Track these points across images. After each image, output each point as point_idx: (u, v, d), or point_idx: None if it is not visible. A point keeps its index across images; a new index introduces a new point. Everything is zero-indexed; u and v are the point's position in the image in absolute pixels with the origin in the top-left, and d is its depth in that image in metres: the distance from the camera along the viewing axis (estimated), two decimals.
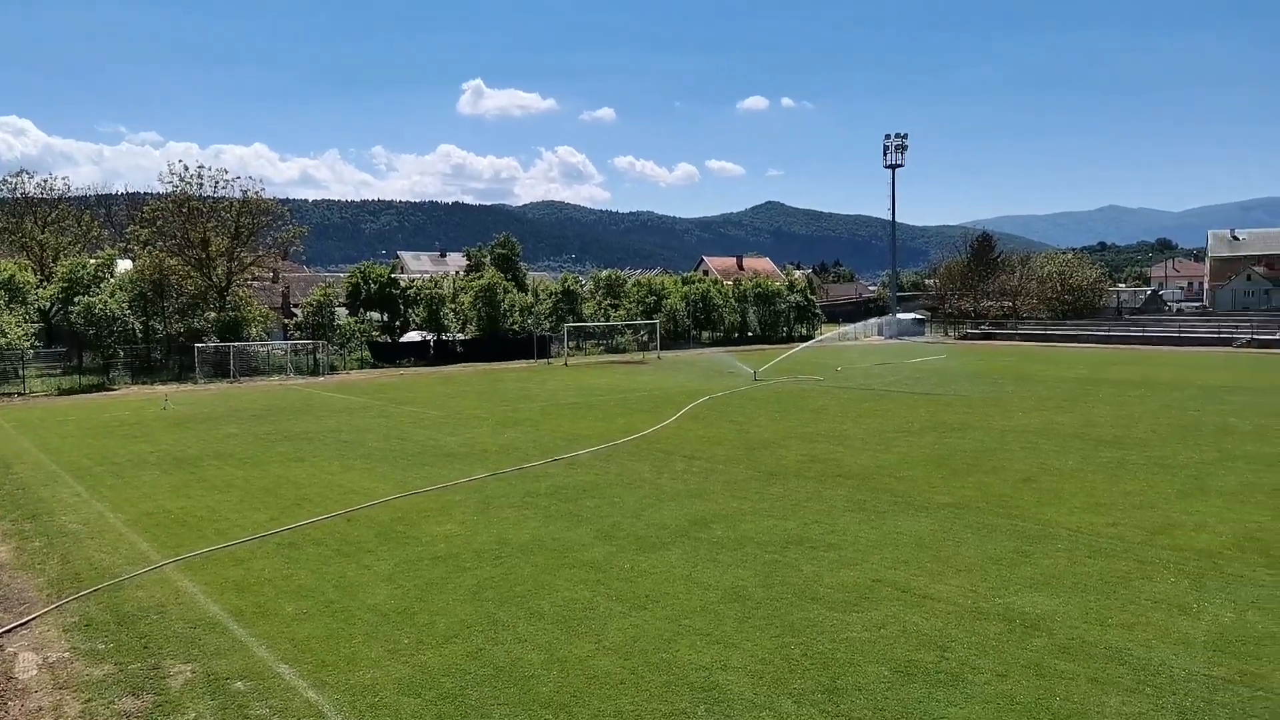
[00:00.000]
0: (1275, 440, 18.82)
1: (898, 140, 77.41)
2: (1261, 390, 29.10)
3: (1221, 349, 54.49)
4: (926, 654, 7.83)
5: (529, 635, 8.47)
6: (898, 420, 22.70)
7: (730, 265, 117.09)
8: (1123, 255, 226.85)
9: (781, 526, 12.24)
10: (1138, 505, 13.15)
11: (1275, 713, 6.62)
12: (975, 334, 71.47)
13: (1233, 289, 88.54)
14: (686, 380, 35.24)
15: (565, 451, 18.61)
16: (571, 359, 50.38)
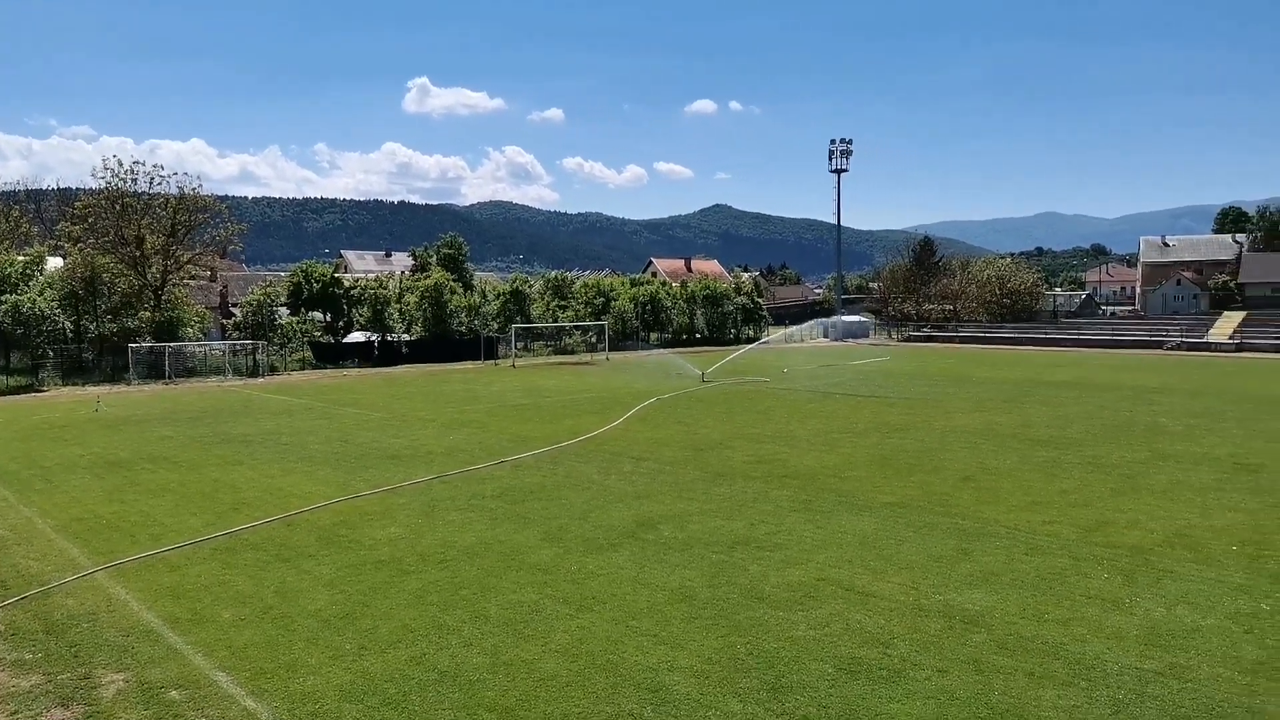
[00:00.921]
0: (1203, 440, 19.50)
1: (843, 145, 78.46)
2: (1190, 392, 30.14)
3: (1153, 351, 56.32)
4: (869, 651, 7.94)
5: (474, 639, 8.38)
6: (842, 421, 23.00)
7: (678, 267, 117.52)
8: (1059, 260, 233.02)
9: (728, 527, 12.31)
10: (1073, 503, 13.51)
11: (1203, 705, 6.85)
12: (918, 336, 72.81)
13: (1163, 293, 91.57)
14: (635, 381, 35.28)
15: (512, 453, 18.48)
16: (519, 360, 50.09)
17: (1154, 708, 6.80)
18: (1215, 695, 6.97)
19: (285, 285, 52.66)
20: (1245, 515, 12.63)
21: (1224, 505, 13.26)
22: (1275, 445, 18.69)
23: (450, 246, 70.86)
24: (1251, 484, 14.79)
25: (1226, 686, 7.13)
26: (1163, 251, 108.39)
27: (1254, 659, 7.65)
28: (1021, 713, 6.76)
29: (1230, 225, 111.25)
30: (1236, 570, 10.10)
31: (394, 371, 44.51)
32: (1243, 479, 15.20)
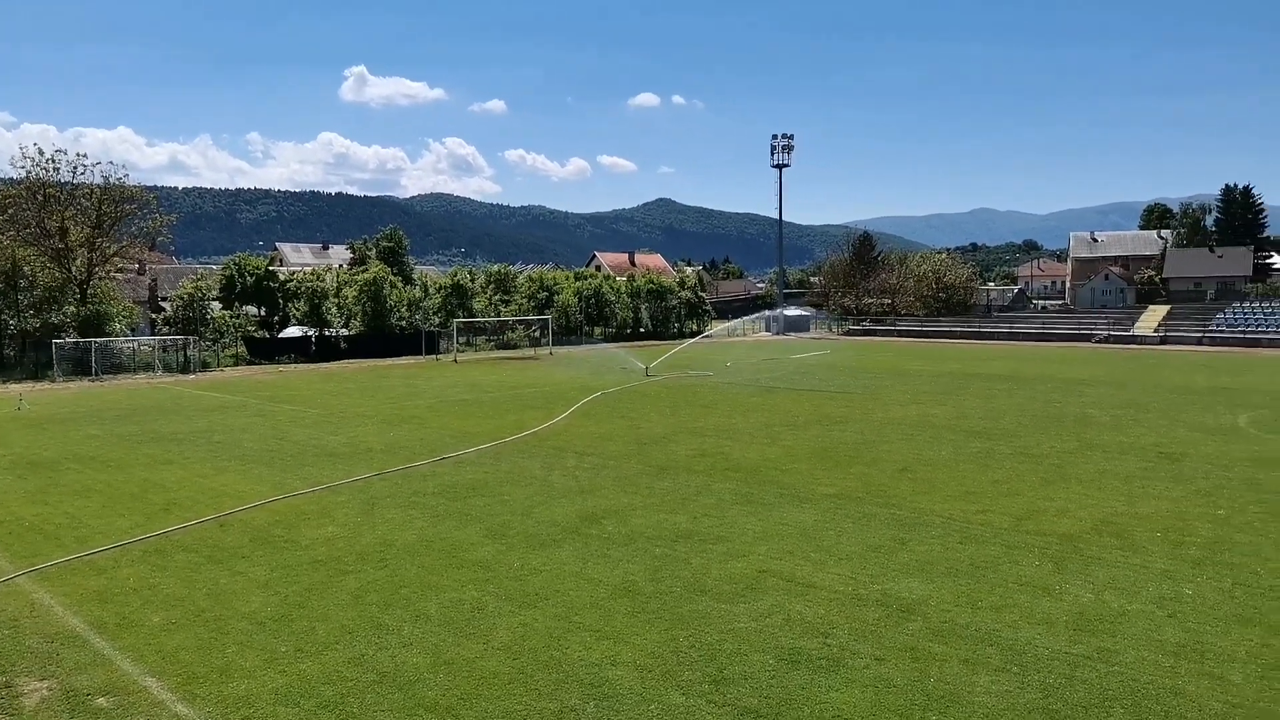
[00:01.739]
0: (1129, 430, 20.18)
1: (784, 141, 79.25)
2: (1117, 383, 31.17)
3: (1082, 344, 58.09)
4: (809, 641, 8.04)
5: (414, 638, 8.27)
6: (784, 414, 23.26)
7: (623, 261, 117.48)
8: (992, 255, 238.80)
9: (671, 520, 12.35)
10: (1005, 493, 13.87)
11: (1129, 687, 7.08)
12: (857, 330, 73.98)
13: (1092, 288, 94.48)
14: (579, 376, 35.18)
15: (454, 449, 18.28)
16: (461, 355, 49.56)
17: (1082, 691, 7.01)
18: (1140, 677, 7.22)
19: (218, 279, 51.25)
20: (1168, 503, 13.11)
21: (1148, 493, 13.74)
22: (1196, 435, 19.43)
23: (390, 239, 69.74)
24: (1174, 472, 15.35)
25: (1151, 669, 7.39)
26: (1091, 247, 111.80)
27: (1176, 642, 7.94)
28: (956, 698, 6.91)
29: (1155, 222, 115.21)
30: (1160, 556, 10.47)
31: (332, 367, 43.68)
32: (1166, 468, 15.77)
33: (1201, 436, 19.16)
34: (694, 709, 6.82)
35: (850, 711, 6.72)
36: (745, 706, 6.84)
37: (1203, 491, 13.81)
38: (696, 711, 6.78)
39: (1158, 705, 6.74)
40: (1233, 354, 48.91)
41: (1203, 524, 11.87)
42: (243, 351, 46.00)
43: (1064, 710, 6.69)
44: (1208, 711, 6.64)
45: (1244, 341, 55.39)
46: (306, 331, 49.97)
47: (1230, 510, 12.59)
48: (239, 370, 42.33)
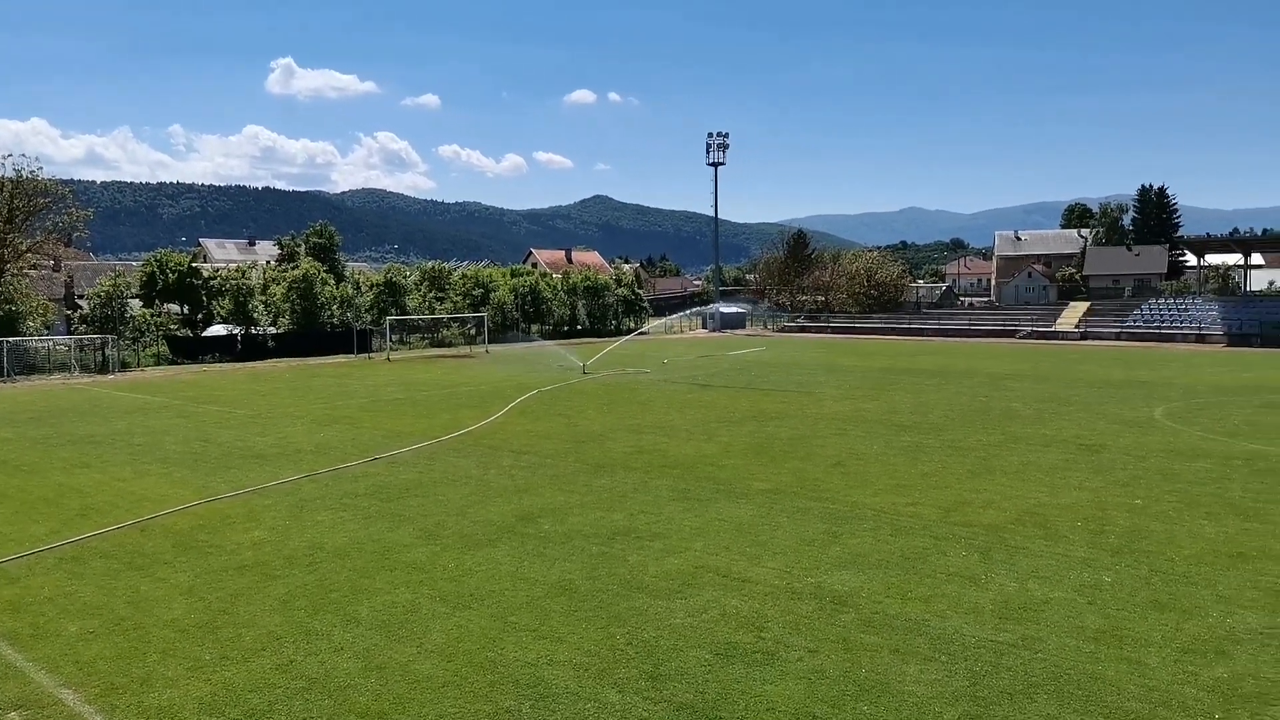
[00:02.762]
0: (1051, 423, 20.85)
1: (719, 139, 79.80)
2: (1040, 378, 32.18)
3: (1006, 340, 59.83)
4: (745, 635, 8.11)
5: (345, 643, 8.10)
6: (720, 411, 23.43)
7: (559, 258, 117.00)
8: (922, 253, 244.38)
9: (609, 518, 12.34)
10: (934, 485, 14.19)
11: (1052, 672, 7.30)
12: (792, 327, 74.96)
13: (1016, 285, 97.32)
14: (515, 374, 34.92)
15: (387, 450, 17.97)
16: (395, 353, 48.77)
17: (1008, 678, 7.20)
18: (1063, 663, 7.45)
19: (138, 275, 49.52)
20: (1088, 493, 13.57)
21: (1069, 484, 14.20)
22: (1115, 427, 20.17)
23: (320, 235, 68.21)
24: (1094, 463, 15.90)
25: (1073, 654, 7.63)
26: (1015, 245, 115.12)
27: (1097, 628, 8.22)
28: (887, 687, 7.04)
29: (1076, 221, 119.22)
30: (1081, 545, 10.83)
31: (259, 366, 42.55)
32: (1086, 459, 16.33)
33: (1119, 429, 19.89)
34: (630, 706, 6.82)
35: (784, 703, 6.80)
36: (681, 702, 6.86)
37: (1121, 482, 14.33)
38: (633, 709, 6.78)
39: (1079, 690, 6.97)
40: (1148, 349, 50.91)
41: (1121, 513, 12.31)
42: (164, 351, 44.51)
43: (990, 697, 6.87)
44: (1126, 694, 6.88)
45: (1159, 337, 57.70)
46: (232, 330, 48.61)
47: (1146, 500, 13.09)
48: (161, 370, 40.95)
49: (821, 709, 6.72)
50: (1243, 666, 7.34)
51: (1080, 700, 6.80)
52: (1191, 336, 56.47)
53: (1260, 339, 53.46)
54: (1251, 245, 72.79)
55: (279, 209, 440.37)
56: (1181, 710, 6.62)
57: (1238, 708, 6.65)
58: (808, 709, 6.72)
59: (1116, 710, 6.64)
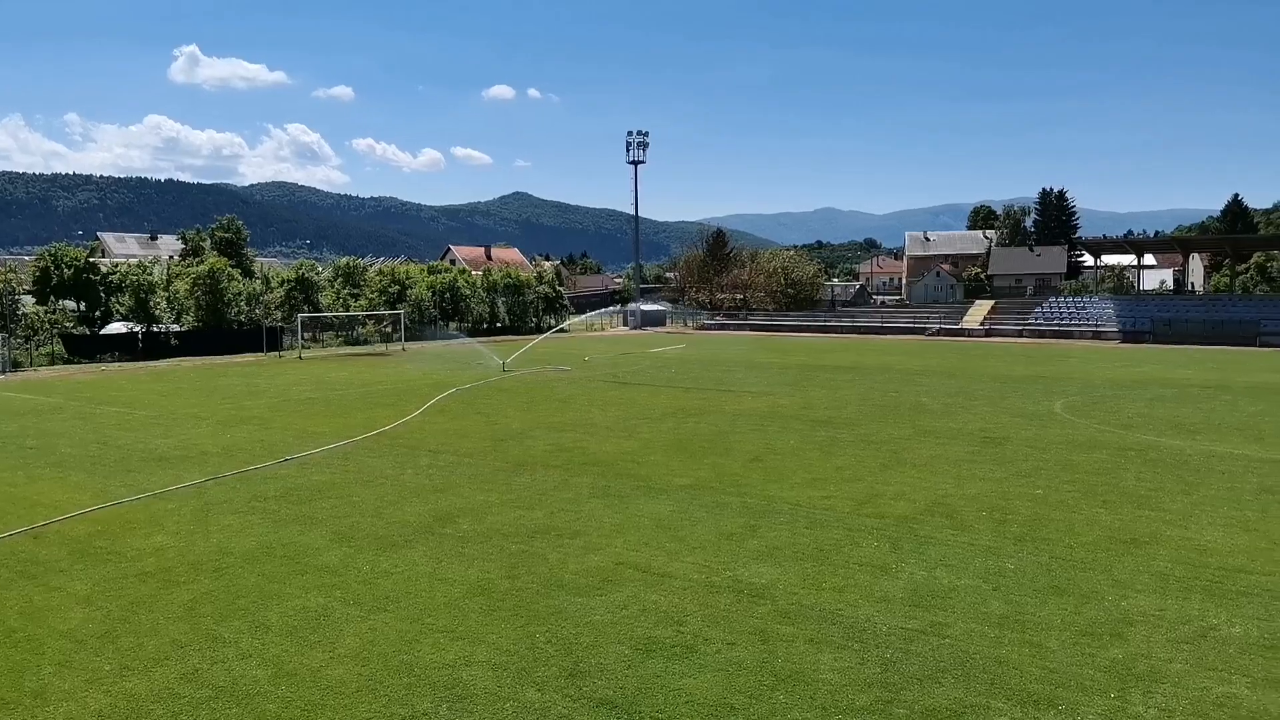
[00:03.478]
0: (958, 417, 21.57)
1: (639, 137, 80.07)
2: (948, 373, 33.26)
3: (916, 337, 61.64)
4: (664, 630, 8.16)
5: (254, 650, 7.85)
6: (641, 408, 23.52)
7: (478, 255, 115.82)
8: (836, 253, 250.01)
9: (528, 516, 12.25)
10: (847, 479, 14.53)
11: (959, 658, 7.56)
12: (712, 324, 75.75)
13: (925, 284, 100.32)
14: (433, 372, 34.38)
15: (298, 450, 17.47)
16: (307, 352, 47.45)
17: (917, 663, 7.43)
18: (969, 648, 7.72)
19: (30, 271, 46.97)
20: (992, 484, 14.09)
21: (975, 475, 14.72)
22: (1017, 420, 20.99)
23: (227, 229, 65.95)
24: (997, 455, 16.52)
25: (978, 640, 7.91)
26: (925, 246, 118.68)
27: (1000, 613, 8.53)
28: (802, 676, 7.18)
29: (981, 222, 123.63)
30: (985, 534, 11.23)
31: (162, 366, 40.87)
32: (990, 451, 16.95)
33: (1022, 422, 20.71)
34: (549, 704, 6.79)
35: (702, 695, 6.87)
36: (601, 698, 6.86)
37: (1023, 473, 14.92)
38: (552, 707, 6.75)
39: (984, 674, 7.23)
40: (1049, 345, 53.15)
41: (1023, 503, 12.81)
42: (60, 349, 42.34)
43: (900, 682, 7.07)
44: (1028, 676, 7.17)
45: (1059, 334, 60.27)
46: (133, 328, 46.55)
47: (1047, 490, 13.66)
48: (55, 370, 38.94)
49: (739, 700, 6.81)
50: (1136, 647, 7.72)
51: (985, 683, 7.06)
52: (1089, 333, 59.17)
53: (1152, 336, 56.37)
54: (1144, 246, 76.68)
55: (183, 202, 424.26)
56: (1080, 690, 6.93)
57: (1132, 686, 6.99)
58: (725, 700, 6.80)
59: (1019, 692, 6.91)
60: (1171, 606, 8.67)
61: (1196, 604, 8.73)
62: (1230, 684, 7.00)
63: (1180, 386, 28.59)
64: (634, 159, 79.71)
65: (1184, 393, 26.80)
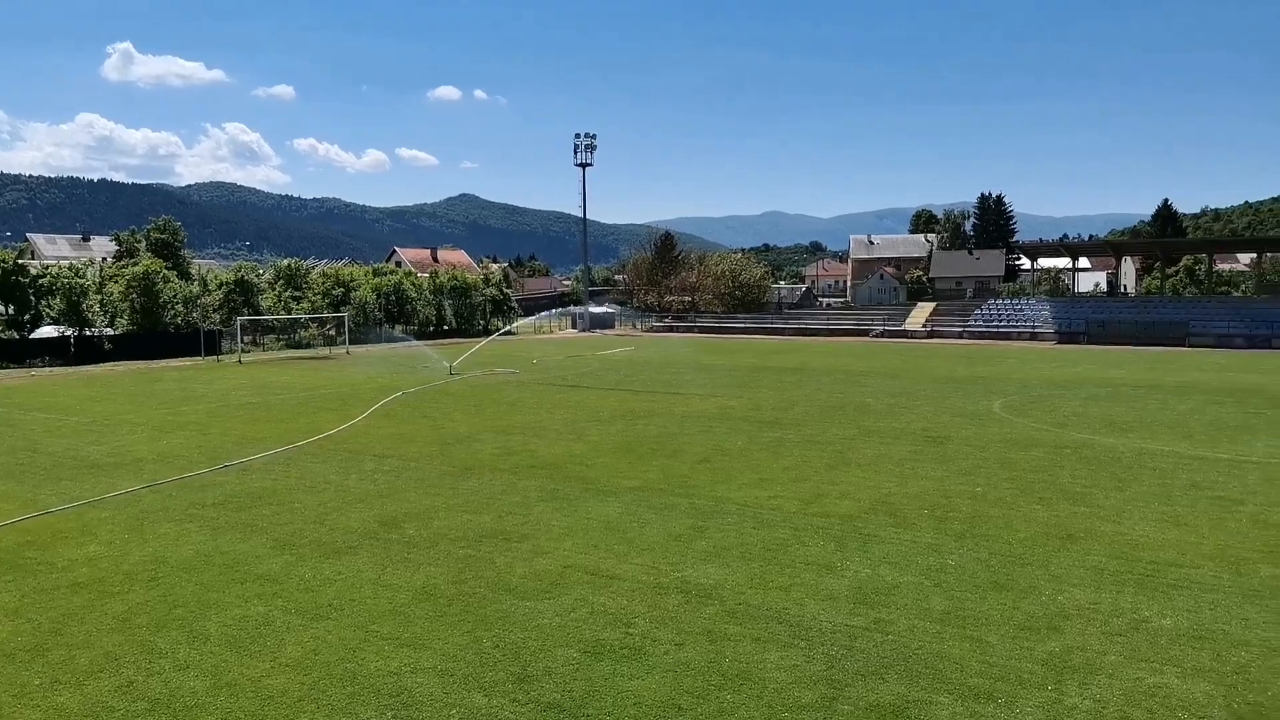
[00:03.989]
0: (901, 417, 21.95)
1: (587, 140, 79.98)
2: (891, 374, 33.82)
3: (861, 339, 62.59)
4: (612, 632, 8.15)
5: (192, 661, 7.65)
6: (589, 410, 23.48)
7: (424, 257, 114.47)
8: (783, 256, 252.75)
9: (476, 521, 12.15)
10: (794, 479, 14.69)
11: (901, 653, 7.68)
12: (660, 326, 75.96)
13: (869, 287, 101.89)
14: (378, 375, 33.89)
15: (238, 456, 17.08)
16: (247, 355, 46.41)
17: (861, 660, 7.54)
18: (911, 644, 7.85)
19: None
20: (934, 482, 14.36)
21: (917, 474, 14.99)
22: (958, 420, 21.43)
23: (163, 230, 64.28)
24: (939, 454, 16.84)
25: (920, 635, 8.06)
26: (869, 249, 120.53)
27: (942, 609, 8.70)
28: (749, 675, 7.24)
29: (923, 226, 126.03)
30: (927, 531, 11.45)
31: (95, 370, 39.62)
32: (932, 450, 17.28)
33: (962, 421, 21.15)
34: (497, 709, 6.73)
35: (650, 697, 6.88)
36: (549, 702, 6.83)
37: (963, 471, 15.24)
38: (499, 712, 6.70)
39: (926, 668, 7.36)
40: (988, 346, 54.38)
41: (963, 500, 13.09)
42: None
43: (845, 679, 7.17)
44: (968, 671, 7.32)
45: (997, 335, 61.70)
46: (64, 331, 45.05)
47: (986, 487, 13.97)
48: None
49: (687, 700, 6.83)
50: (1072, 640, 7.94)
51: (928, 678, 7.19)
52: (1026, 335, 60.68)
53: (1086, 336, 58.02)
54: (1078, 250, 78.90)
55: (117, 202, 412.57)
56: (1018, 683, 7.10)
57: (1068, 678, 7.18)
58: (673, 701, 6.82)
59: (960, 686, 7.05)
60: (1106, 600, 8.93)
61: (1129, 597, 9.01)
62: (1161, 674, 7.23)
63: (1113, 386, 29.48)
64: (582, 161, 79.60)
65: (1117, 392, 27.64)
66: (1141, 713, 6.60)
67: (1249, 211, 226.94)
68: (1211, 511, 12.40)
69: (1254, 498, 13.22)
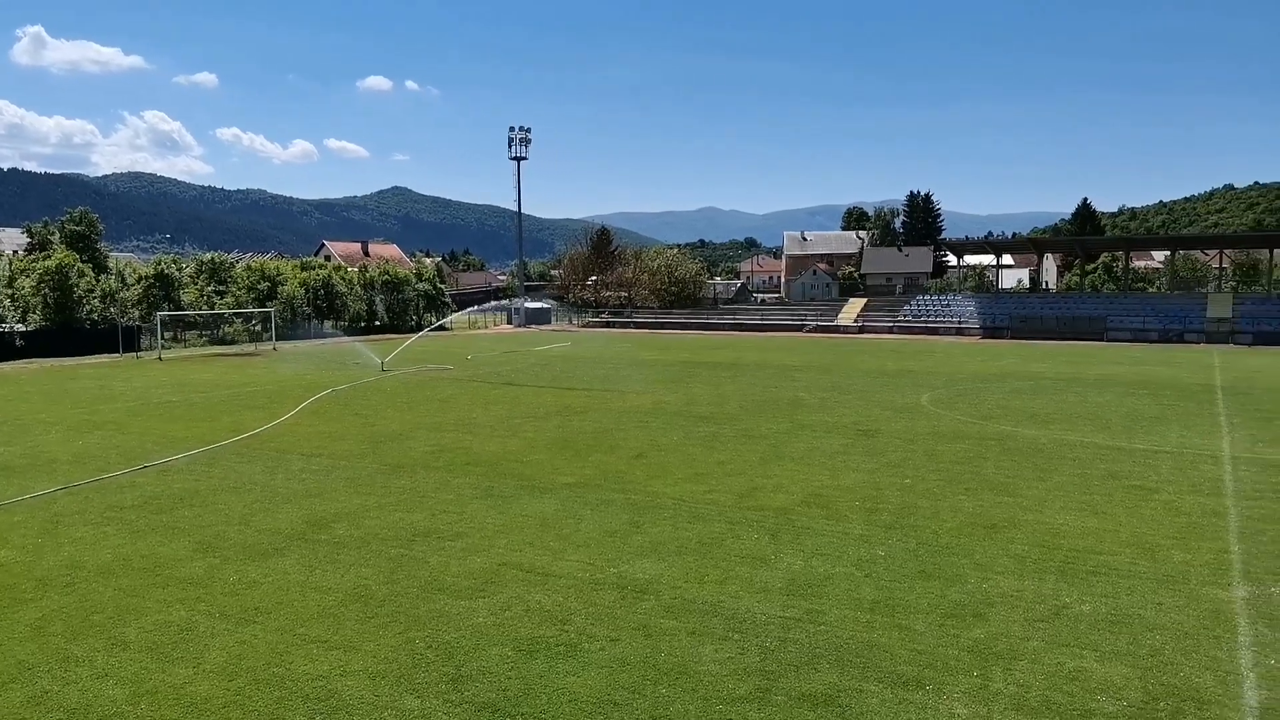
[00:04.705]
0: (833, 410, 22.31)
1: (522, 133, 79.31)
2: (824, 369, 34.37)
3: (795, 334, 63.44)
4: (548, 629, 8.11)
5: (111, 669, 7.37)
6: (525, 407, 23.32)
7: (355, 251, 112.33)
8: (718, 252, 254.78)
9: (408, 519, 11.96)
10: (729, 473, 14.81)
11: (833, 643, 7.81)
12: (597, 322, 75.86)
13: (803, 282, 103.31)
14: (306, 372, 33.12)
15: (159, 457, 16.52)
16: (169, 352, 44.91)
17: (794, 651, 7.63)
18: (843, 634, 7.98)
19: None
20: (864, 475, 14.63)
21: (849, 467, 15.26)
22: (888, 413, 21.88)
23: (79, 222, 61.66)
24: (869, 447, 17.17)
25: (851, 625, 8.20)
26: (802, 245, 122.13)
27: (872, 599, 8.87)
28: (684, 669, 7.27)
29: (854, 223, 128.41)
30: (858, 523, 11.66)
31: (5, 369, 37.87)
32: (862, 443, 17.61)
33: (892, 414, 21.60)
34: (430, 711, 6.64)
35: (586, 693, 6.86)
36: (483, 702, 6.76)
37: (893, 463, 15.56)
38: (433, 713, 6.60)
39: (857, 657, 7.49)
40: (917, 341, 55.65)
41: (893, 492, 13.36)
42: None
43: (778, 670, 7.25)
44: (898, 659, 7.47)
45: (926, 330, 63.16)
46: None
47: (914, 479, 14.29)
48: None
49: (622, 695, 6.83)
50: (996, 627, 8.17)
51: (858, 667, 7.32)
52: (953, 329, 62.26)
53: (1010, 331, 59.77)
54: (1002, 247, 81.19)
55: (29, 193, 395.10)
56: (945, 670, 7.27)
57: (992, 664, 7.38)
58: (609, 697, 6.81)
59: (889, 673, 7.19)
60: (1028, 587, 9.21)
61: (1051, 584, 9.30)
62: (1081, 659, 7.49)
63: (1036, 379, 30.44)
64: (516, 155, 78.92)
65: (1039, 385, 28.54)
66: (1062, 696, 6.82)
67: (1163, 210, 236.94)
68: (1128, 500, 12.89)
69: (1167, 486, 13.79)
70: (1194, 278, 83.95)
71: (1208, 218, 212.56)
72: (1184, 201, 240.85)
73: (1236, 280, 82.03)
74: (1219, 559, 10.11)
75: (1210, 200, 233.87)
